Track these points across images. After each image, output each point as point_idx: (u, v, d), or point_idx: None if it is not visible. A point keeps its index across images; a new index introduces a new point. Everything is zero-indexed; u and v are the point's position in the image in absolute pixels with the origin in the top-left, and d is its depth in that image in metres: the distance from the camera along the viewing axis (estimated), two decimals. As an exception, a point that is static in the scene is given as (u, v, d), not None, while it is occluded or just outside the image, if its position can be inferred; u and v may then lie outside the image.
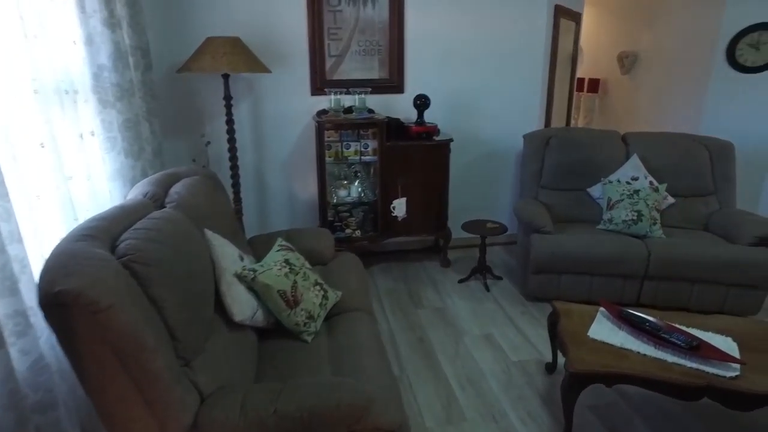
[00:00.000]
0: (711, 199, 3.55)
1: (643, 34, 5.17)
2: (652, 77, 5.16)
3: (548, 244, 3.10)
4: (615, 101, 5.74)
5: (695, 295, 3.11)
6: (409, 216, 3.62)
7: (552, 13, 3.86)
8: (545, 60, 3.93)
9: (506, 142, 4.06)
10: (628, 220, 3.24)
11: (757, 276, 2.99)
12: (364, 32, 3.60)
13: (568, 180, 3.60)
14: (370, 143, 3.48)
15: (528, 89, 3.96)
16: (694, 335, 2.05)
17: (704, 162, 3.54)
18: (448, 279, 3.64)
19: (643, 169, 3.49)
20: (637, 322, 2.14)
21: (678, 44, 4.77)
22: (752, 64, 4.40)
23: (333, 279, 2.48)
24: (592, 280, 3.16)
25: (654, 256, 3.04)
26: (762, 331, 2.22)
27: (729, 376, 1.87)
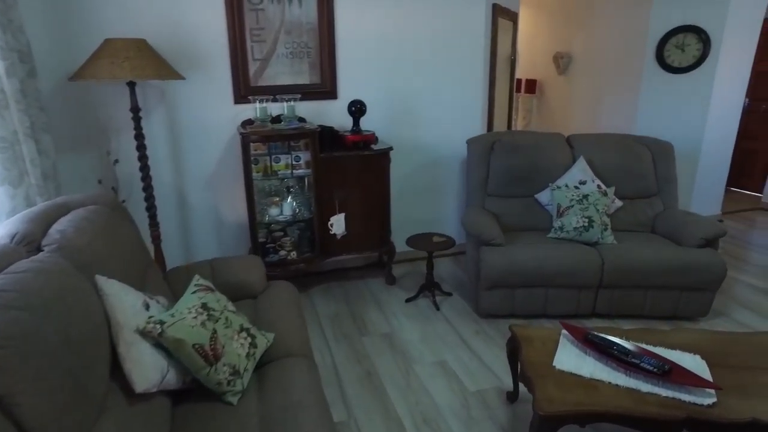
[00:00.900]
0: (655, 200, 3.51)
1: (577, 35, 5.17)
2: (587, 78, 5.16)
3: (500, 259, 2.90)
4: (553, 102, 5.73)
5: (649, 302, 3.02)
6: (349, 233, 3.32)
7: (490, 13, 3.70)
8: (485, 61, 3.77)
9: (449, 148, 3.86)
10: (579, 227, 3.10)
11: (705, 279, 2.94)
12: (291, 33, 3.27)
13: (515, 186, 3.44)
14: (303, 155, 3.15)
15: (469, 91, 3.77)
16: (664, 357, 1.89)
17: (647, 163, 3.49)
18: (394, 298, 3.38)
19: (590, 173, 3.38)
20: (603, 346, 1.95)
21: (610, 45, 4.79)
22: (679, 65, 4.46)
23: (264, 316, 2.15)
24: (547, 293, 2.99)
25: (608, 264, 2.92)
26: (724, 343, 2.11)
27: (706, 404, 1.71)
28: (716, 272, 2.92)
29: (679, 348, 2.03)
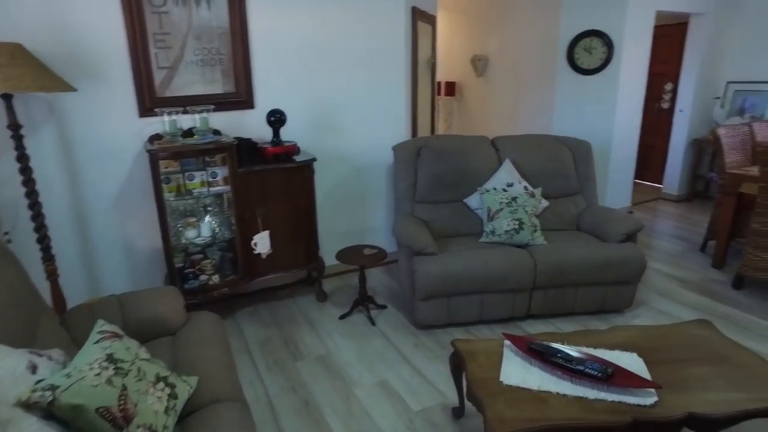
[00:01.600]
0: (578, 198, 3.61)
1: (493, 38, 5.28)
2: (504, 79, 5.29)
3: (434, 268, 2.83)
4: (473, 103, 5.83)
5: (579, 299, 3.09)
6: (275, 251, 3.11)
7: (410, 16, 3.65)
8: (407, 65, 3.70)
9: (375, 155, 3.76)
10: (510, 230, 3.11)
11: (628, 272, 3.05)
12: (201, 38, 3.02)
13: (444, 192, 3.40)
14: (220, 171, 2.91)
15: (393, 96, 3.69)
16: (606, 360, 1.89)
17: (569, 162, 3.58)
18: (327, 316, 3.21)
19: (516, 174, 3.41)
20: (547, 354, 1.92)
21: (524, 48, 4.94)
22: (588, 67, 4.67)
23: (185, 356, 1.91)
24: (482, 299, 2.97)
25: (540, 266, 2.94)
26: (655, 337, 2.16)
27: (649, 404, 1.72)
28: (637, 265, 3.04)
29: (617, 347, 2.06)
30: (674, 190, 5.83)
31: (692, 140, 5.65)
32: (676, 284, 3.65)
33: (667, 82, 6.00)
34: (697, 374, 1.91)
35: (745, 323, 3.11)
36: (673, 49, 5.79)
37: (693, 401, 1.76)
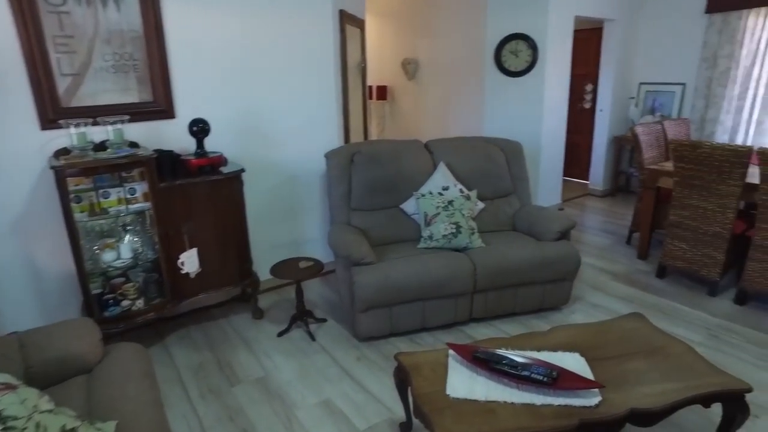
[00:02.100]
0: (513, 198, 3.66)
1: (422, 42, 5.30)
2: (435, 82, 5.32)
3: (373, 278, 2.75)
4: (405, 107, 5.82)
5: (519, 299, 3.12)
6: (205, 269, 2.92)
7: (338, 19, 3.55)
8: (336, 69, 3.61)
9: (308, 163, 3.63)
10: (448, 234, 3.09)
11: (565, 269, 3.11)
12: (111, 42, 2.77)
13: (379, 198, 3.33)
14: (139, 186, 2.68)
15: (323, 102, 3.58)
16: (550, 363, 1.88)
17: (502, 163, 3.62)
18: (264, 334, 3.05)
19: (451, 178, 3.40)
20: (492, 362, 1.89)
21: (453, 51, 4.99)
22: (515, 69, 4.78)
23: (102, 398, 1.71)
24: (424, 306, 2.92)
25: (480, 269, 2.93)
26: (594, 334, 2.20)
27: (594, 404, 1.73)
28: (573, 262, 3.11)
29: (560, 348, 2.07)
30: (599, 186, 6.11)
31: (613, 138, 5.94)
32: (607, 277, 3.79)
33: (588, 84, 6.29)
34: (634, 368, 1.95)
35: (670, 311, 3.27)
36: (591, 53, 6.07)
37: (633, 397, 1.78)
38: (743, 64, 4.99)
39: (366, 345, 2.90)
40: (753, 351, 2.82)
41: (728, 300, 3.40)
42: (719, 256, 3.38)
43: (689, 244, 3.52)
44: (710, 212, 3.37)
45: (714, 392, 1.84)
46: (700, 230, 3.44)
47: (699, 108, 5.36)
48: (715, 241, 3.39)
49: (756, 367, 2.67)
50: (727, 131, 5.18)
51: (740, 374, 2.54)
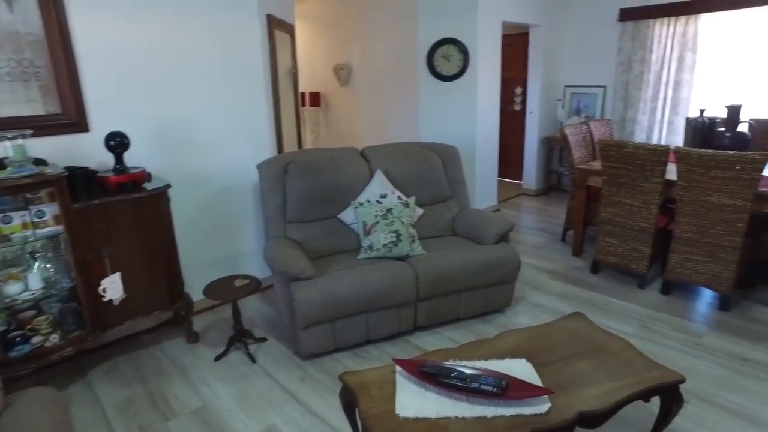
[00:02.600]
0: (451, 203, 3.66)
1: (354, 47, 5.24)
2: (369, 88, 5.27)
3: (314, 293, 2.64)
4: (339, 114, 5.73)
5: (463, 304, 3.11)
6: (130, 294, 2.68)
7: (265, 24, 3.41)
8: (266, 76, 3.46)
9: (239, 175, 3.46)
10: (388, 243, 3.03)
11: (506, 272, 3.14)
12: (4, 47, 2.49)
13: (316, 209, 3.22)
14: (48, 209, 2.41)
15: (253, 111, 3.42)
16: (499, 372, 1.86)
17: (439, 168, 3.62)
18: (200, 359, 2.85)
19: (389, 185, 3.35)
20: (441, 376, 1.84)
21: (386, 56, 4.96)
22: (447, 73, 4.83)
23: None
24: (368, 318, 2.84)
25: (422, 277, 2.89)
26: (539, 337, 2.20)
27: (544, 411, 1.71)
28: (513, 264, 3.14)
29: (507, 355, 2.05)
30: (533, 185, 6.30)
31: (543, 138, 6.15)
32: (545, 276, 3.88)
33: (517, 87, 6.48)
34: (579, 370, 1.96)
35: (605, 305, 3.38)
36: (518, 57, 6.26)
37: (581, 399, 1.79)
38: (654, 68, 5.31)
39: (310, 363, 2.78)
40: (679, 338, 2.96)
41: (655, 291, 3.57)
42: (646, 249, 3.55)
43: (619, 239, 3.67)
44: (636, 209, 3.53)
45: (653, 387, 1.89)
46: (629, 226, 3.60)
47: (619, 109, 5.65)
48: (642, 236, 3.55)
49: (682, 353, 2.81)
50: (644, 130, 5.49)
51: (670, 362, 2.66)
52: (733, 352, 2.81)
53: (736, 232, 3.12)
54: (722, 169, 3.06)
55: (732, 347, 2.87)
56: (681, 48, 5.08)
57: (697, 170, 3.16)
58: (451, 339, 2.99)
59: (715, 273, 3.25)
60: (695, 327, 3.09)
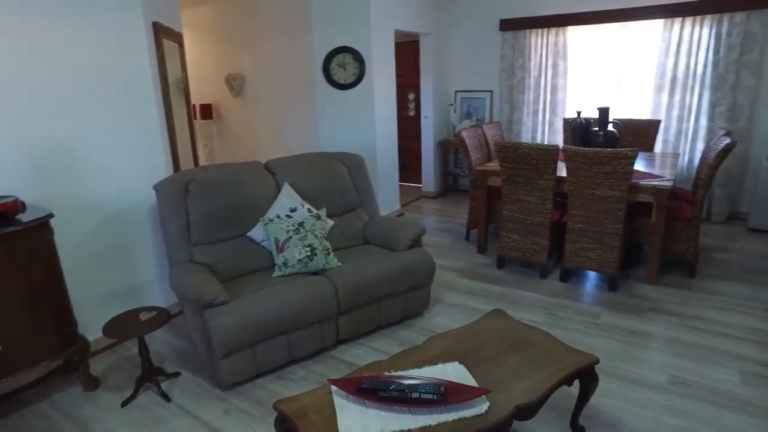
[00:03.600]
0: (360, 211, 3.65)
1: (246, 56, 5.04)
2: (265, 98, 5.10)
3: (231, 319, 2.47)
4: (234, 125, 5.48)
5: (383, 312, 3.11)
6: (7, 345, 2.31)
7: (152, 32, 3.14)
8: (156, 89, 3.19)
9: (133, 197, 3.14)
10: (304, 258, 2.94)
11: (422, 276, 3.19)
12: None
13: (223, 229, 3.03)
14: None
15: (144, 126, 3.14)
16: (436, 378, 1.87)
17: (346, 177, 3.59)
18: (104, 408, 2.54)
19: (298, 198, 3.26)
20: (380, 390, 1.81)
21: (280, 65, 4.83)
22: (344, 82, 4.83)
23: None
24: (289, 338, 2.72)
25: (341, 290, 2.84)
26: (467, 338, 2.26)
27: (484, 411, 1.75)
28: (428, 267, 3.21)
29: (439, 360, 2.07)
30: (432, 188, 6.52)
31: (438, 142, 6.39)
32: (455, 275, 4.02)
33: (410, 93, 6.67)
34: (509, 365, 2.04)
35: (514, 298, 3.58)
36: (410, 63, 6.46)
37: (515, 394, 1.85)
38: (533, 74, 5.77)
39: (232, 393, 2.60)
40: (581, 321, 3.23)
41: (556, 279, 3.86)
42: (544, 242, 3.82)
43: (520, 234, 3.92)
44: (533, 204, 3.78)
45: (575, 371, 2.02)
46: (528, 221, 3.85)
47: (505, 111, 6.05)
48: (540, 230, 3.81)
49: (585, 334, 3.06)
50: (529, 131, 5.94)
51: (577, 343, 2.88)
52: (624, 327, 3.12)
53: (618, 220, 3.47)
54: (603, 164, 3.38)
55: (623, 323, 3.18)
56: (554, 56, 5.58)
57: (583, 167, 3.46)
58: (375, 349, 2.97)
59: (603, 258, 3.59)
60: (593, 309, 3.38)
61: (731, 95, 4.80)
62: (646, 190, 3.50)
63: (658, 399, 2.45)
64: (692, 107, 5.01)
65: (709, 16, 4.74)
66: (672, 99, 5.07)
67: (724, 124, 4.83)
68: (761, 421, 2.29)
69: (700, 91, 4.94)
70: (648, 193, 3.50)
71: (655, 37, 5.09)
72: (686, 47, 4.90)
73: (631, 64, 5.32)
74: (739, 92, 4.78)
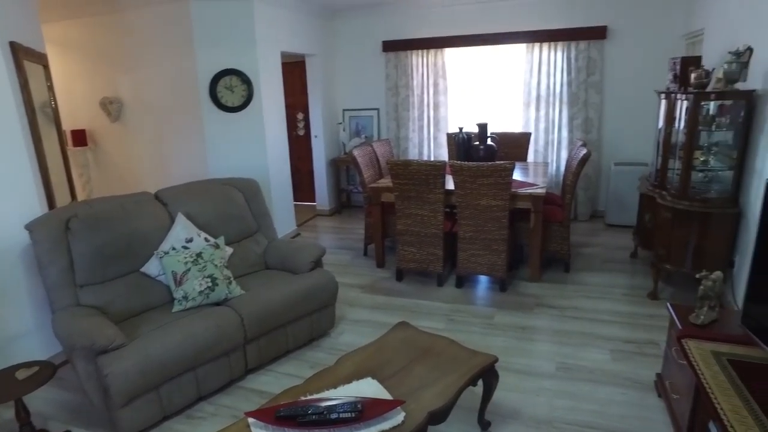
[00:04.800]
0: (259, 236, 3.61)
1: (124, 79, 4.73)
2: (147, 123, 4.82)
3: (130, 363, 2.32)
4: (112, 152, 5.09)
5: (290, 336, 3.10)
6: None
7: (10, 54, 2.86)
8: (20, 116, 2.90)
9: (1, 239, 2.81)
10: (204, 290, 2.84)
11: (326, 296, 3.24)
12: None
13: (113, 266, 2.82)
14: None
15: (9, 159, 2.83)
16: (352, 397, 1.93)
17: (242, 203, 3.54)
18: (-22, 481, 2.24)
19: (193, 228, 3.14)
20: (298, 416, 1.82)
21: (163, 88, 4.61)
22: (232, 104, 4.75)
23: None
24: (196, 374, 2.61)
25: (246, 318, 2.79)
26: (376, 353, 2.35)
27: (401, 422, 1.84)
28: (332, 287, 3.27)
29: (353, 378, 2.13)
30: (326, 206, 6.58)
31: (330, 160, 6.48)
32: (358, 291, 4.11)
33: (299, 112, 6.70)
34: (418, 374, 2.16)
35: (415, 308, 3.76)
36: (297, 84, 6.49)
37: (427, 401, 1.97)
38: (416, 92, 6.11)
39: (134, 443, 2.42)
40: (477, 323, 3.48)
41: (452, 286, 4.11)
42: (439, 252, 4.06)
43: (416, 246, 4.12)
44: (426, 217, 4.01)
45: (478, 371, 2.20)
46: (422, 234, 4.06)
47: (393, 128, 6.33)
48: (434, 241, 4.05)
49: (482, 335, 3.31)
50: (416, 146, 6.26)
51: (476, 345, 3.09)
52: (515, 324, 3.43)
53: (502, 227, 3.80)
54: (486, 177, 3.70)
55: (514, 320, 3.49)
56: (435, 75, 5.97)
57: (468, 179, 3.76)
58: (286, 374, 2.95)
59: (492, 262, 3.91)
60: (487, 310, 3.67)
61: (584, 110, 5.49)
62: (524, 198, 3.88)
63: (549, 385, 2.74)
64: (555, 120, 5.64)
65: (561, 43, 5.40)
66: (539, 113, 5.67)
67: (580, 135, 5.51)
68: (628, 390, 2.67)
69: (559, 106, 5.58)
70: (526, 200, 3.88)
71: (521, 59, 5.67)
72: (546, 69, 5.53)
73: (503, 82, 5.86)
74: (589, 108, 5.49)
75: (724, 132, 3.38)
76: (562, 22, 5.36)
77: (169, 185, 3.41)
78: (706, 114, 3.37)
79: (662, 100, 3.94)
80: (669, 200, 3.50)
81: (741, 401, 1.71)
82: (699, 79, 3.35)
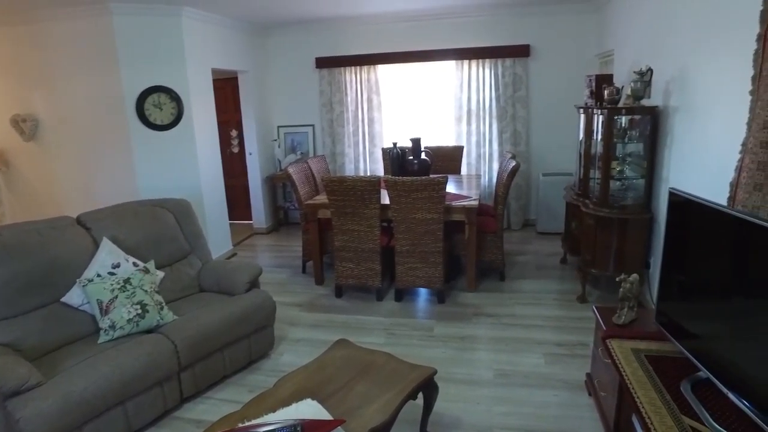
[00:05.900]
0: (192, 258, 3.49)
1: (38, 96, 4.45)
2: (67, 143, 4.55)
3: (48, 404, 2.14)
4: (28, 174, 4.76)
5: (228, 360, 3.00)
6: None
7: None
8: None
9: None
10: (134, 317, 2.71)
11: (263, 317, 3.18)
12: None
13: (28, 298, 2.63)
14: None
15: None
16: (291, 420, 1.89)
17: (173, 225, 3.41)
18: None
19: (120, 253, 2.99)
20: (236, 444, 1.77)
21: (85, 106, 4.38)
22: (162, 122, 4.59)
23: None
24: (126, 408, 2.47)
25: (180, 345, 2.68)
26: (316, 373, 2.33)
27: (340, 442, 1.83)
28: (269, 308, 3.21)
29: (292, 400, 2.09)
30: (263, 224, 6.45)
31: (266, 177, 6.38)
32: (297, 310, 4.05)
33: (232, 129, 6.56)
34: (359, 392, 2.16)
35: (355, 324, 3.75)
36: (229, 100, 6.36)
37: (368, 418, 1.98)
38: (350, 108, 6.17)
39: (56, 489, 2.24)
40: (417, 335, 3.53)
41: (391, 300, 4.14)
42: (377, 266, 4.08)
43: (354, 262, 4.12)
44: (363, 233, 4.03)
45: (418, 385, 2.23)
46: (359, 249, 4.08)
47: (328, 144, 6.33)
48: (371, 256, 4.07)
49: (422, 347, 3.36)
50: (352, 161, 6.30)
51: (417, 358, 3.12)
52: (454, 335, 3.50)
53: (438, 239, 3.89)
54: (420, 191, 3.78)
55: (453, 330, 3.56)
56: (369, 91, 6.05)
57: (403, 194, 3.82)
58: (224, 400, 2.85)
59: (430, 275, 3.98)
60: (426, 322, 3.72)
61: (512, 124, 5.75)
62: (458, 210, 3.99)
63: (488, 393, 2.81)
64: (486, 134, 5.87)
65: (489, 60, 5.64)
66: (470, 127, 5.87)
67: (510, 148, 5.75)
68: (561, 391, 2.79)
69: (489, 121, 5.81)
70: (460, 213, 4.00)
71: (451, 75, 5.87)
72: (475, 84, 5.75)
73: (435, 97, 6.03)
74: (517, 122, 5.75)
75: (636, 143, 3.66)
76: (489, 40, 5.61)
77: (94, 208, 3.24)
78: (620, 127, 3.63)
79: (581, 114, 4.21)
80: (591, 208, 3.72)
81: (656, 393, 1.84)
82: (611, 95, 3.61)
